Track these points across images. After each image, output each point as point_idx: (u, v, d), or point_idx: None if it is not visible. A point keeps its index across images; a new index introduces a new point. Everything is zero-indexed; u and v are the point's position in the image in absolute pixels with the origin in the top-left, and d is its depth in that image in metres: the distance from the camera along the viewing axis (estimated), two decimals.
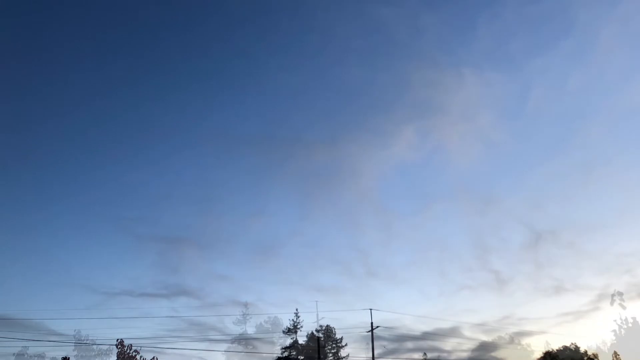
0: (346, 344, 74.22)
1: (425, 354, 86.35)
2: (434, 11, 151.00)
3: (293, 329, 69.20)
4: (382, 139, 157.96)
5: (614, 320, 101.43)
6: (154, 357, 22.71)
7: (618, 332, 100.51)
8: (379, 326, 54.01)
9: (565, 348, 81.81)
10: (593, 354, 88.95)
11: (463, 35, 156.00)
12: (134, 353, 22.09)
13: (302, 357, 71.74)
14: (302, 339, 71.80)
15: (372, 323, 52.97)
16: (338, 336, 73.54)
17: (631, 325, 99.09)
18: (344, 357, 72.97)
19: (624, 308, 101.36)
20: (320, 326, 73.50)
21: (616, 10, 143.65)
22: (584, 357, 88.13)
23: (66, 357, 24.56)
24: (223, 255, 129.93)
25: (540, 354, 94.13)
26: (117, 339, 22.75)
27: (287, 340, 75.95)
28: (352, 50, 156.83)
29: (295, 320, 70.22)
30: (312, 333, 72.07)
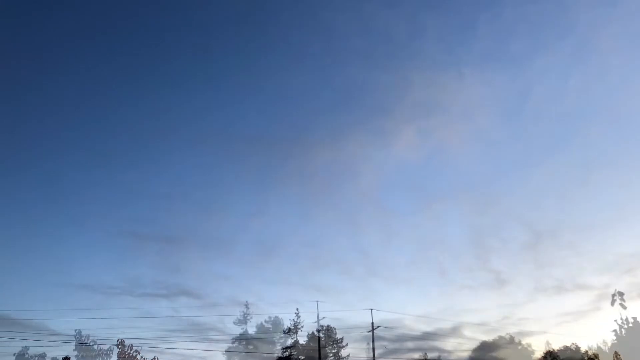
0: (347, 344, 74.01)
1: (425, 353, 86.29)
2: (434, 11, 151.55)
3: (294, 329, 68.86)
4: (382, 139, 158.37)
5: (615, 320, 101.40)
6: (154, 357, 22.74)
7: (619, 332, 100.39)
8: (380, 326, 53.80)
9: (566, 348, 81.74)
10: (593, 354, 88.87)
11: (463, 35, 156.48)
12: (135, 353, 22.03)
13: (302, 357, 71.49)
14: (302, 339, 71.59)
15: (372, 323, 52.88)
16: (338, 336, 73.34)
17: (632, 325, 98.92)
18: (344, 357, 72.79)
19: (624, 308, 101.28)
20: (321, 326, 73.38)
21: (616, 11, 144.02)
22: (585, 357, 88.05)
23: (67, 357, 24.38)
24: (223, 255, 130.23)
25: (541, 354, 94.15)
26: (118, 339, 23.02)
27: (288, 340, 75.80)
28: (353, 50, 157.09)
29: (295, 320, 69.75)
30: (313, 333, 71.90)
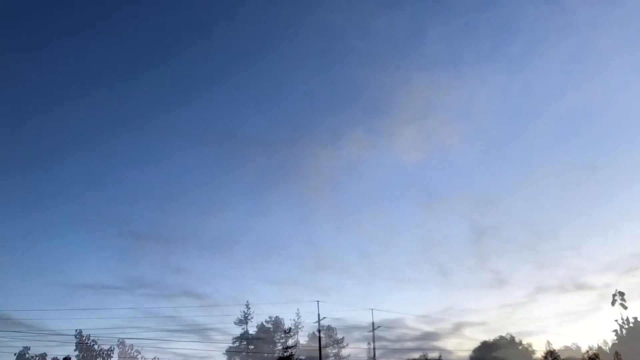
0: (347, 344, 75.04)
1: (425, 353, 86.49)
2: (387, 17, 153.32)
3: (294, 329, 70.67)
4: (383, 139, 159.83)
5: (615, 320, 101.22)
6: (155, 357, 22.65)
7: (619, 332, 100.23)
8: (380, 326, 54.59)
9: (567, 348, 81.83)
10: (594, 354, 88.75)
11: (414, 40, 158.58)
12: (135, 353, 21.98)
13: (303, 357, 72.42)
14: (303, 339, 72.45)
15: (373, 323, 53.30)
16: (339, 336, 74.03)
17: (632, 325, 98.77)
18: (344, 357, 73.72)
19: (625, 308, 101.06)
20: (322, 326, 74.52)
21: (616, 13, 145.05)
22: (585, 357, 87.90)
23: (67, 357, 24.28)
24: (224, 255, 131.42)
25: (541, 354, 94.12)
26: (118, 339, 22.97)
27: (289, 340, 76.62)
28: (353, 50, 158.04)
29: (296, 320, 71.31)
30: (314, 333, 72.70)
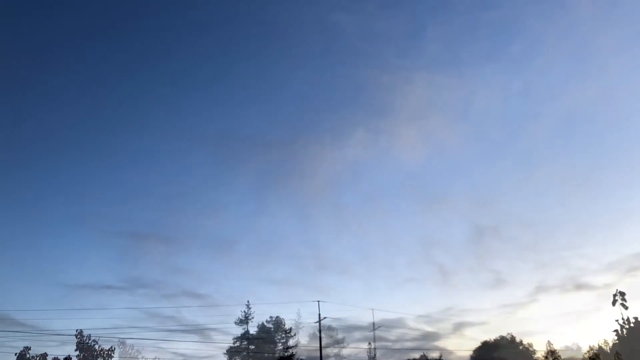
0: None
1: (424, 354, 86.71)
2: (388, 18, 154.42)
3: (295, 329, 71.83)
4: (383, 139, 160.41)
5: (616, 320, 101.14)
6: (155, 358, 22.56)
7: (620, 332, 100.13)
8: (326, 317, 54.46)
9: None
10: (595, 354, 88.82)
11: (415, 41, 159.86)
12: (136, 353, 21.94)
13: (303, 358, 72.76)
14: (304, 339, 72.94)
15: (374, 323, 53.33)
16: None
17: (633, 325, 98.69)
18: (292, 346, 75.42)
19: (626, 308, 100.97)
20: (270, 317, 76.14)
21: (616, 13, 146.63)
22: (586, 356, 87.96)
23: (68, 357, 24.38)
24: (224, 255, 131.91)
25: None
26: (119, 339, 22.86)
27: (290, 340, 77.02)
28: (354, 50, 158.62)
29: (296, 320, 72.35)
30: (315, 333, 73.34)
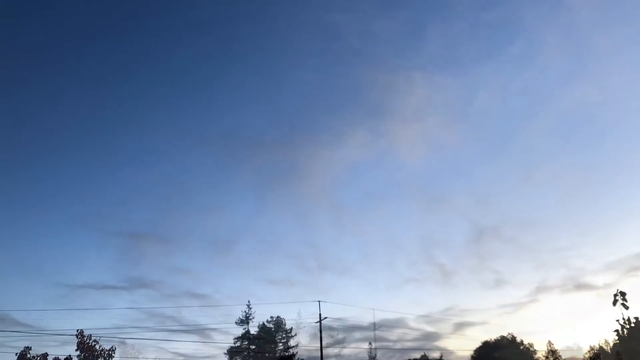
0: (296, 334, 76.67)
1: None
2: (387, 17, 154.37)
3: (245, 320, 72.82)
4: (337, 140, 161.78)
5: (617, 320, 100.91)
6: (112, 347, 23.02)
7: (621, 332, 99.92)
8: (327, 317, 54.95)
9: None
10: (595, 354, 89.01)
11: (415, 41, 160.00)
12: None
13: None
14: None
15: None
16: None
17: (634, 325, 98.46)
18: (293, 346, 75.82)
19: (626, 308, 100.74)
20: (271, 317, 76.54)
21: (560, 19, 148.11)
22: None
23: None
24: (182, 250, 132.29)
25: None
26: (77, 330, 23.01)
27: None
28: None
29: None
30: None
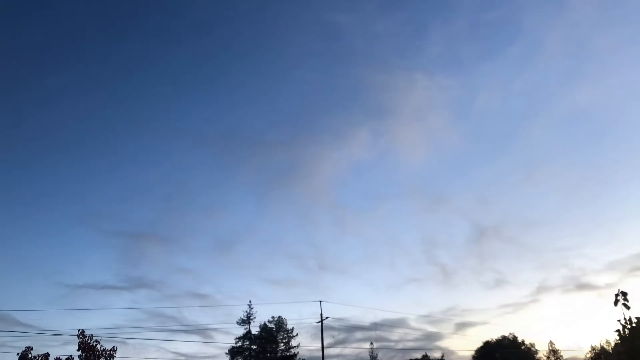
0: (297, 334, 77.97)
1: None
2: (387, 17, 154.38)
3: (247, 320, 74.28)
4: (338, 140, 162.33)
5: (618, 320, 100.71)
6: (113, 347, 24.91)
7: (622, 332, 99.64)
8: (328, 317, 55.52)
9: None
10: (596, 354, 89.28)
11: (416, 41, 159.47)
12: (95, 343, 24.35)
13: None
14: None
15: (321, 314, 54.61)
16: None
17: (635, 326, 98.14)
18: (294, 346, 77.04)
19: (628, 308, 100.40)
20: (272, 317, 78.14)
21: (560, 19, 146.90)
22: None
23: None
24: (183, 249, 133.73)
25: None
26: (78, 330, 24.50)
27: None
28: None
29: (248, 311, 74.51)
30: (265, 324, 76.26)
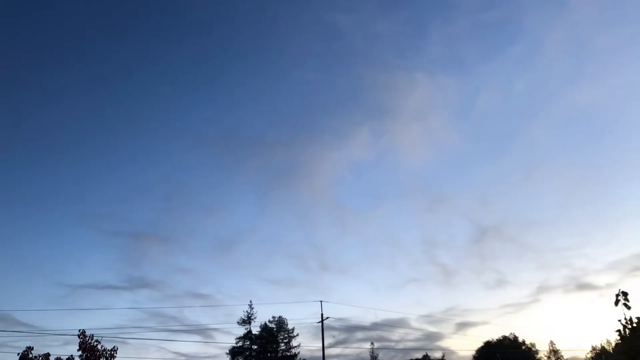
0: (297, 334, 78.05)
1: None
2: (388, 17, 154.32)
3: (247, 320, 74.34)
4: (338, 140, 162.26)
5: (619, 320, 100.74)
6: (114, 347, 24.87)
7: (623, 332, 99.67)
8: (329, 317, 55.12)
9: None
10: (597, 354, 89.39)
11: (416, 41, 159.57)
12: (95, 343, 24.31)
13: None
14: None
15: (322, 314, 54.25)
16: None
17: (636, 326, 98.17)
18: (295, 346, 77.10)
19: (628, 308, 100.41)
20: (273, 317, 78.12)
21: (560, 19, 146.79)
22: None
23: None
24: (184, 250, 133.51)
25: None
26: (79, 330, 24.54)
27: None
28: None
29: (249, 311, 74.61)
30: (265, 324, 76.28)
